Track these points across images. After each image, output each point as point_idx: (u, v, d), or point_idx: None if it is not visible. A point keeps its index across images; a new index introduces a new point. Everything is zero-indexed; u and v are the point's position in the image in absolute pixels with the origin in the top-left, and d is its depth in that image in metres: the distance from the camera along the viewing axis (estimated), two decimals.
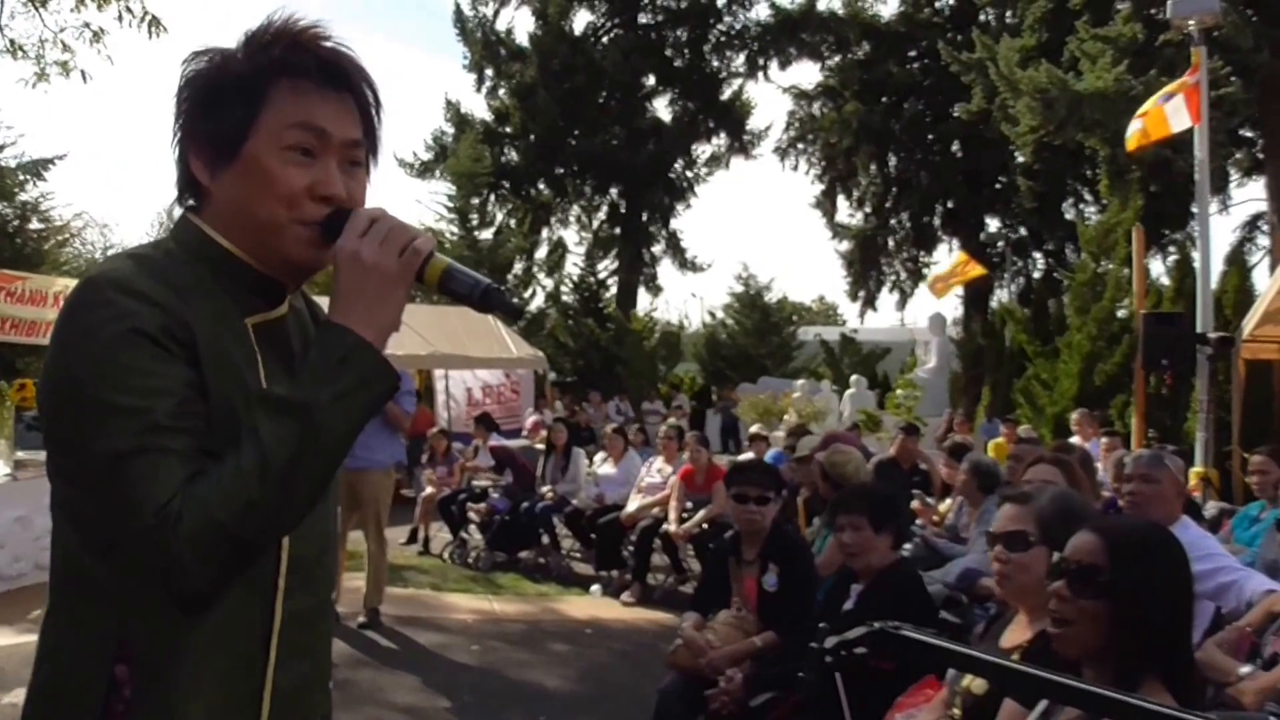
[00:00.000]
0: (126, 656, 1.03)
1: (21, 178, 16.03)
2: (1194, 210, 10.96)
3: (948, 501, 6.24)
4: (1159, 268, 18.39)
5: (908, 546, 4.88)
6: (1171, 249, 18.43)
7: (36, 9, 9.95)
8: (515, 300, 1.27)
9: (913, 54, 25.02)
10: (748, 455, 8.50)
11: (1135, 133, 9.24)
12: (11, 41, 10.09)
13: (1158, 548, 1.64)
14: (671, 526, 6.96)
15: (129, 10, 9.59)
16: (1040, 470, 3.31)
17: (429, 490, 8.88)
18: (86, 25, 10.05)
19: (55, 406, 1.04)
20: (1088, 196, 22.30)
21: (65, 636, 1.07)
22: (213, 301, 1.09)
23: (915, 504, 5.99)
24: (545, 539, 7.90)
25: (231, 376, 1.07)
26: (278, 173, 1.09)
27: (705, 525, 6.79)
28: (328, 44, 1.13)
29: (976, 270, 18.26)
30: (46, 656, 1.09)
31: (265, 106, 1.10)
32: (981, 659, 1.24)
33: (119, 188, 66.34)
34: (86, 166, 63.56)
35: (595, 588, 7.22)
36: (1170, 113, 8.77)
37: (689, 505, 7.10)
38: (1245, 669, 2.48)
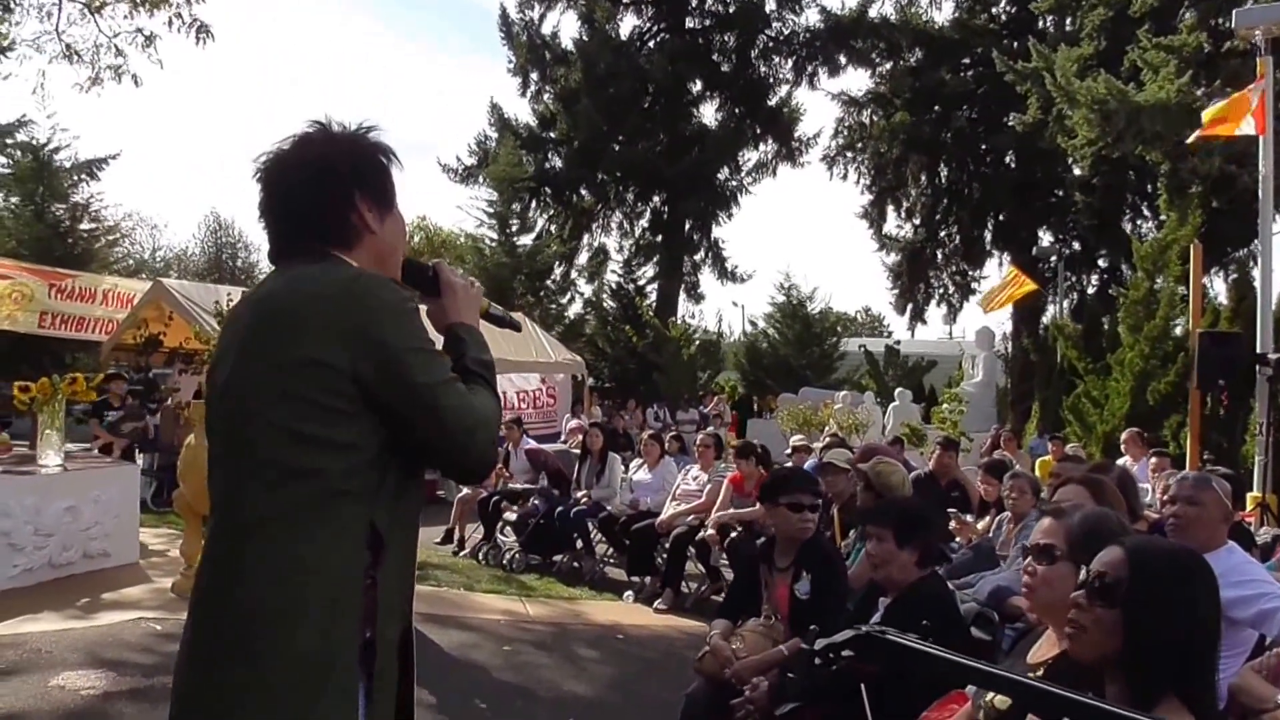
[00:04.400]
0: (374, 540, 1.52)
1: (75, 178, 16.58)
2: (1258, 226, 10.62)
3: (986, 519, 6.10)
4: (1217, 286, 17.90)
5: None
6: (1231, 267, 17.89)
7: (92, 15, 10.37)
8: (512, 316, 2.07)
9: (966, 62, 24.61)
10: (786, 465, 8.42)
11: (1206, 120, 9.11)
12: (68, 46, 10.55)
13: (1183, 569, 1.61)
14: (710, 529, 6.87)
15: (179, 16, 9.98)
16: (1069, 491, 3.21)
17: (466, 491, 8.91)
18: (139, 30, 10.48)
19: (364, 355, 1.50)
20: (1146, 212, 21.77)
21: (327, 539, 1.48)
22: None
23: (953, 522, 5.86)
24: (579, 543, 7.90)
25: None
26: (404, 222, 1.79)
27: (739, 528, 6.72)
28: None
29: (1028, 286, 17.91)
30: (308, 561, 1.46)
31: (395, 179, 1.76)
32: (966, 664, 1.22)
33: (167, 189, 67.44)
34: (136, 167, 64.83)
35: (628, 594, 7.20)
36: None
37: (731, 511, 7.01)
38: None
